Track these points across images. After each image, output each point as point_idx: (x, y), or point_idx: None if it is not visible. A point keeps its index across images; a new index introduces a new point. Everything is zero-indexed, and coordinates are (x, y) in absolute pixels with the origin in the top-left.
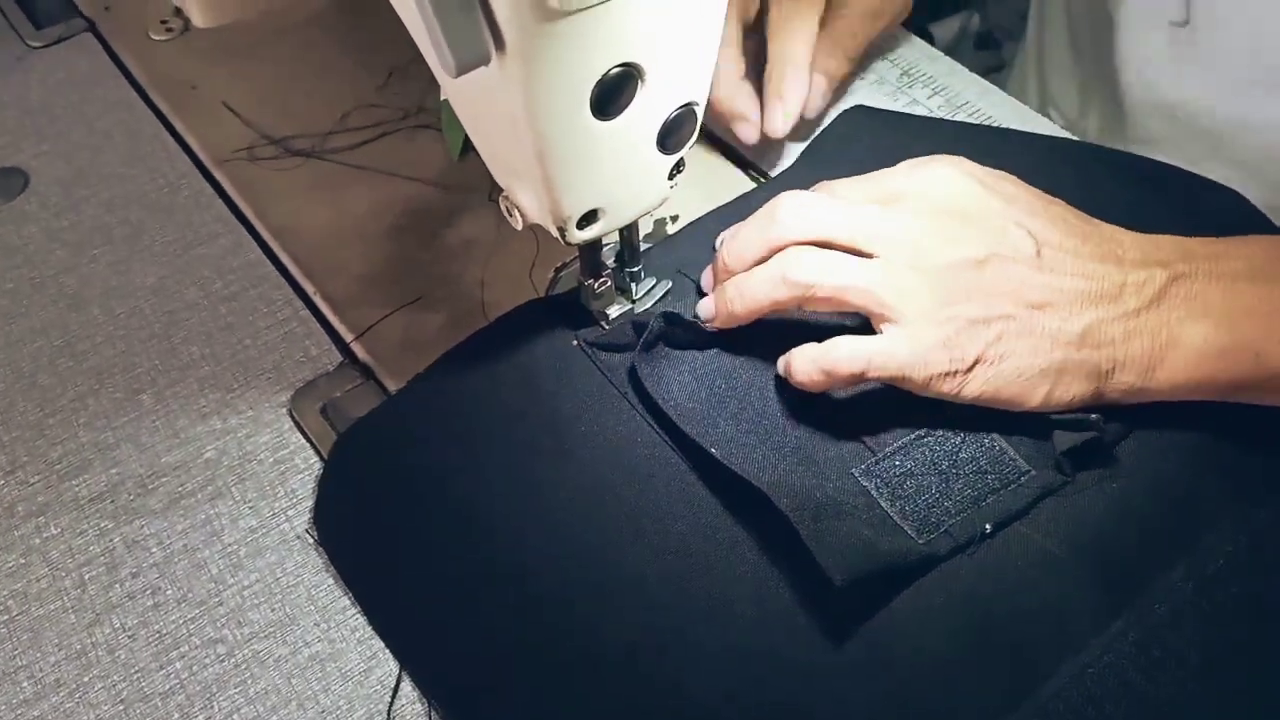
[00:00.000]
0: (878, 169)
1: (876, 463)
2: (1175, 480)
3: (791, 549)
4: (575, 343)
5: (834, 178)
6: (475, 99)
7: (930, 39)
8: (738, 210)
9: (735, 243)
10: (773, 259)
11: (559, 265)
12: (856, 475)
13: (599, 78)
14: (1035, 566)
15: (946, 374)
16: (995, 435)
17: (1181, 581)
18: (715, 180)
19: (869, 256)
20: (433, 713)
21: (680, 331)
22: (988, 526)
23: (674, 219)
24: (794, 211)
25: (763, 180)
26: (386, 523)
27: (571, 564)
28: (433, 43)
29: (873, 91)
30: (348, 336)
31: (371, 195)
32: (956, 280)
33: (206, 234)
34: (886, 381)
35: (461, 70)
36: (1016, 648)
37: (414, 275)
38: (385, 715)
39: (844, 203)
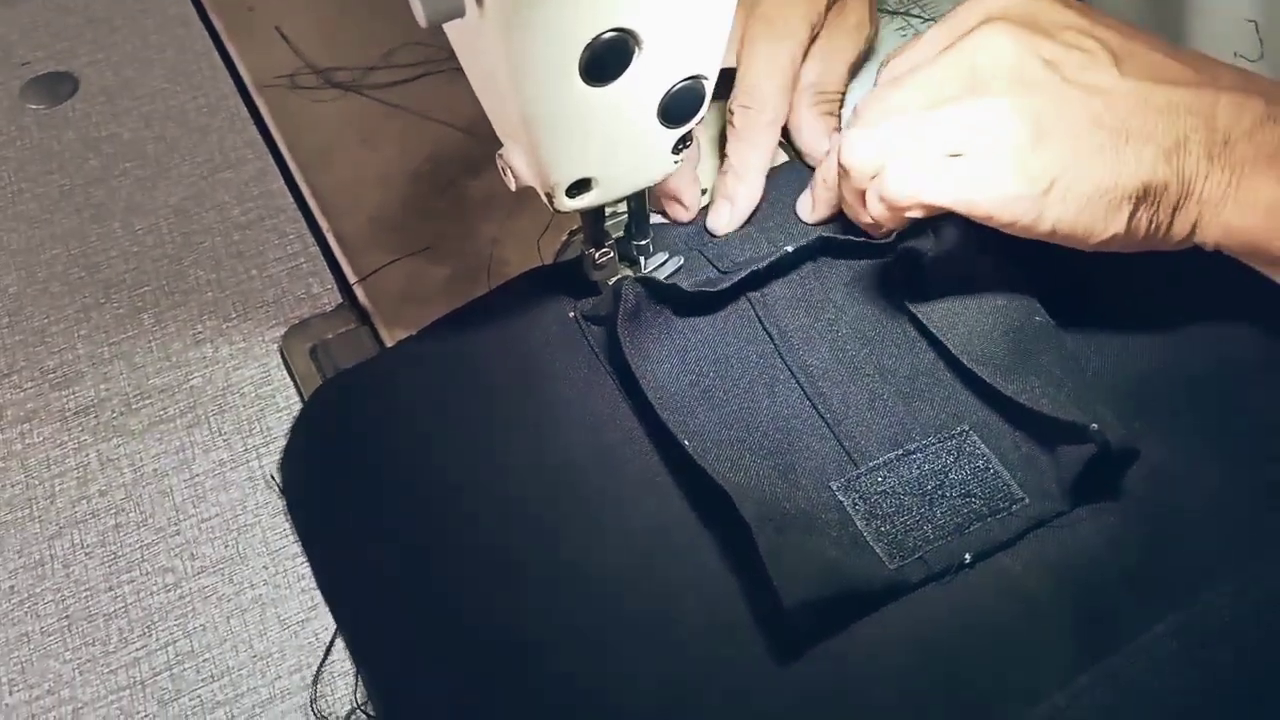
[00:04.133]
0: None
1: (857, 477)
2: (1180, 522)
3: (752, 559)
4: (572, 314)
5: None
6: (466, 50)
7: None
8: (773, 184)
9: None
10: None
11: (573, 229)
12: (834, 489)
13: (589, 41)
14: (1010, 605)
15: (1021, 196)
16: (991, 456)
17: (1165, 638)
18: None
19: None
20: (359, 677)
21: (666, 295)
22: (967, 556)
23: (704, 191)
24: (863, 162)
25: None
26: (350, 481)
27: (524, 545)
28: None
29: None
30: (351, 278)
31: (402, 136)
32: (1032, 71)
33: (235, 159)
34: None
35: (432, 20)
36: (974, 691)
37: (427, 223)
38: (315, 669)
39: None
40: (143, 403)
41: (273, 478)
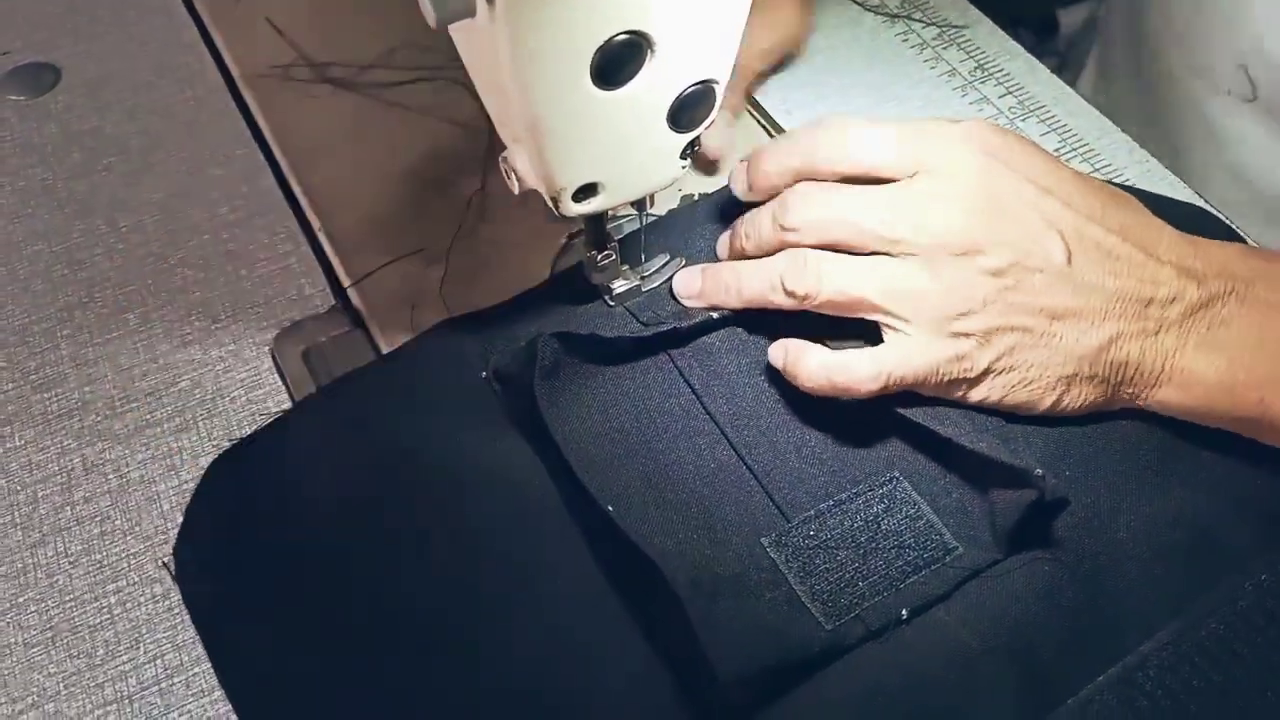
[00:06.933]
0: None
1: (789, 531)
2: (1110, 569)
3: (683, 629)
4: (484, 374)
5: None
6: (473, 52)
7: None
8: (698, 233)
9: (749, 223)
10: (774, 258)
11: (572, 232)
12: (765, 545)
13: (601, 44)
14: (947, 662)
15: (955, 380)
16: (923, 504)
17: (1103, 692)
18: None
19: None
20: None
21: (584, 349)
22: (904, 613)
23: (706, 196)
24: (805, 201)
25: None
26: (249, 564)
27: (435, 621)
28: None
29: (941, 85)
30: (345, 280)
31: (398, 134)
32: (973, 287)
33: (223, 155)
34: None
35: (443, 21)
36: None
37: (424, 224)
38: None
39: (857, 193)
40: (128, 406)
41: (165, 565)
